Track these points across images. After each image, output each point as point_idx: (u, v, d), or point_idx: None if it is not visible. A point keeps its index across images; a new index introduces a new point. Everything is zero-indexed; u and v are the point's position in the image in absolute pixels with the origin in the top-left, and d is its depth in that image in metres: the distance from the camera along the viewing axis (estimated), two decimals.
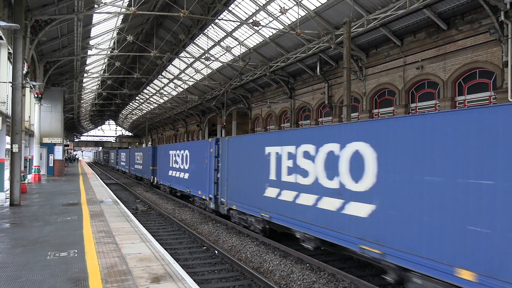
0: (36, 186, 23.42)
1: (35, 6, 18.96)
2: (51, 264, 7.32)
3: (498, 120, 5.53)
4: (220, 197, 15.11)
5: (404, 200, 6.92)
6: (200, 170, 17.47)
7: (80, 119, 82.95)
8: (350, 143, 8.22)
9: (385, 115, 24.33)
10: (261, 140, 12.19)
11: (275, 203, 10.99)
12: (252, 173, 12.45)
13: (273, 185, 11.14)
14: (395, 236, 7.02)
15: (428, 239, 6.37)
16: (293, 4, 23.47)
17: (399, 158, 7.09)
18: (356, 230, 7.92)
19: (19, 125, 15.37)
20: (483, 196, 5.64)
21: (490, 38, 17.50)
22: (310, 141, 9.62)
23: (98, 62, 38.53)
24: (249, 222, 12.93)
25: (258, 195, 11.87)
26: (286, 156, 10.55)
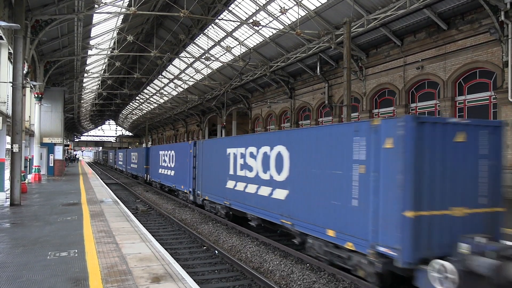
0: (36, 186, 23.43)
1: (36, 6, 18.96)
2: (51, 264, 7.32)
3: (336, 133, 8.67)
4: (197, 190, 17.94)
5: (303, 186, 9.70)
6: (182, 168, 20.13)
7: (80, 119, 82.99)
8: (275, 146, 10.99)
9: (386, 115, 24.34)
10: (223, 143, 15.33)
11: (233, 193, 13.75)
12: (218, 169, 15.20)
13: (231, 178, 13.90)
14: (299, 211, 9.82)
15: (315, 212, 9.17)
16: (293, 4, 23.48)
17: (300, 157, 9.89)
18: (278, 209, 10.79)
19: (19, 125, 15.38)
20: (337, 181, 8.44)
21: (490, 38, 17.50)
22: (253, 144, 12.38)
23: (98, 62, 38.55)
24: (217, 209, 15.68)
25: (222, 187, 14.62)
26: (239, 155, 13.32)
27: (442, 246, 6.81)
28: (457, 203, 7.09)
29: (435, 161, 6.96)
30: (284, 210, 10.44)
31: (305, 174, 9.56)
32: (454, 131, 7.19)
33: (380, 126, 7.30)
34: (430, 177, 6.91)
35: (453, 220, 7.00)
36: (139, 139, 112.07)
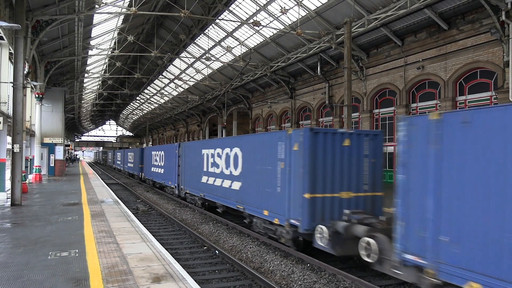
0: (37, 186, 23.44)
1: (36, 6, 18.97)
2: (52, 264, 7.32)
3: (269, 139, 11.76)
4: (181, 185, 21.11)
5: (251, 179, 12.77)
6: (170, 167, 23.30)
7: (81, 119, 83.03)
8: (234, 148, 14.09)
9: (386, 115, 24.34)
10: (199, 145, 18.80)
11: (206, 186, 16.86)
12: (196, 167, 18.35)
13: (205, 174, 17.05)
14: (248, 198, 12.90)
15: (257, 198, 12.21)
16: (294, 4, 23.48)
17: (249, 156, 12.92)
18: (235, 197, 13.87)
19: (20, 125, 15.39)
20: (269, 174, 11.47)
21: (491, 38, 17.49)
22: (219, 146, 15.56)
23: (99, 62, 38.56)
24: (195, 200, 18.86)
25: (199, 181, 17.80)
26: (210, 155, 16.46)
27: (333, 218, 9.74)
28: (344, 188, 10.05)
29: (327, 159, 9.94)
30: (238, 198, 13.60)
31: (252, 170, 12.71)
32: (342, 138, 10.12)
33: (291, 135, 10.35)
34: (323, 170, 9.88)
35: (341, 200, 10.00)
36: (139, 139, 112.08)
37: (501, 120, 5.48)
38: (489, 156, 5.58)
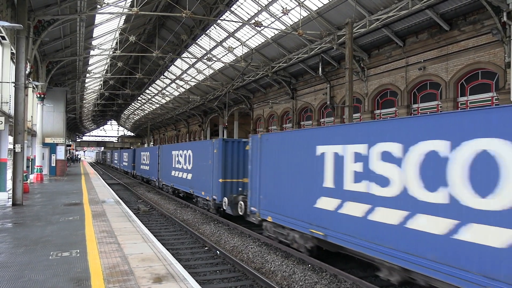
0: (38, 186, 23.47)
1: (38, 7, 19.00)
2: (53, 264, 7.34)
3: (206, 144, 17.83)
4: (159, 178, 27.26)
5: (197, 172, 18.42)
6: (153, 164, 29.76)
7: (82, 119, 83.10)
8: (188, 150, 20.26)
9: (387, 116, 24.31)
10: (170, 147, 24.46)
11: (174, 178, 23.03)
12: (168, 164, 24.57)
13: (173, 169, 23.13)
14: (195, 185, 18.63)
15: (199, 184, 18.04)
16: (295, 5, 23.47)
17: (196, 156, 18.69)
18: (189, 184, 19.76)
19: (21, 125, 15.42)
20: (205, 168, 17.09)
21: (492, 39, 17.46)
22: (181, 149, 21.74)
23: (101, 62, 38.61)
24: (168, 189, 24.88)
25: (170, 175, 24.15)
26: (176, 155, 22.43)
27: (233, 194, 15.36)
28: (244, 176, 14.92)
29: (234, 158, 15.58)
30: (190, 184, 19.59)
31: (198, 165, 18.47)
32: (245, 144, 15.10)
33: (215, 142, 16.04)
34: (231, 164, 15.56)
35: (242, 183, 15.36)
36: (141, 139, 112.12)
37: (277, 138, 11.60)
38: (273, 156, 11.47)
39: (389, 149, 7.32)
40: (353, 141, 8.14)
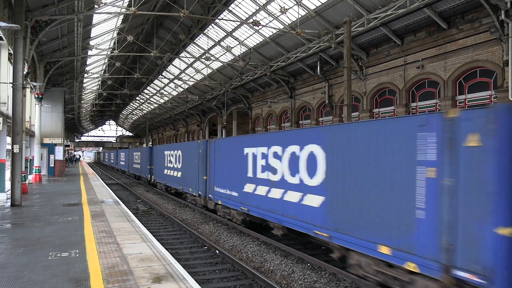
0: (37, 187, 23.44)
1: (35, 7, 18.96)
2: (52, 264, 7.33)
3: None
4: (153, 176, 29.86)
5: (186, 171, 19.69)
6: (143, 162, 33.38)
7: (81, 120, 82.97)
8: (178, 150, 21.63)
9: (386, 115, 24.33)
10: (163, 148, 26.79)
11: (167, 176, 24.43)
12: (161, 163, 26.43)
13: (166, 168, 24.63)
14: (184, 182, 19.93)
15: (188, 180, 19.37)
16: (293, 4, 23.46)
17: (185, 155, 19.85)
18: (179, 182, 21.13)
19: (19, 126, 15.38)
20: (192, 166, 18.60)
21: (490, 37, 17.48)
22: (172, 149, 23.15)
23: (99, 62, 38.54)
24: (161, 186, 26.83)
25: (162, 173, 25.86)
26: (169, 155, 23.94)
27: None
28: None
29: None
30: (181, 182, 20.75)
31: (186, 164, 19.92)
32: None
33: (200, 143, 17.23)
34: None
35: None
36: (139, 139, 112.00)
37: (222, 142, 15.48)
38: (220, 156, 14.97)
39: (277, 150, 11.01)
40: (261, 144, 12.02)
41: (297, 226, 9.94)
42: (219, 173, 15.38)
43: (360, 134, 7.81)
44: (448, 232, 5.92)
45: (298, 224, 9.85)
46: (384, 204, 7.08)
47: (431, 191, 6.20)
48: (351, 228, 7.89)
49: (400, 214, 6.73)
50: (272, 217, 11.22)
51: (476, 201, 5.63)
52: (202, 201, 17.27)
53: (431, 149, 6.23)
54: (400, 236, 6.73)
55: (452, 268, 5.86)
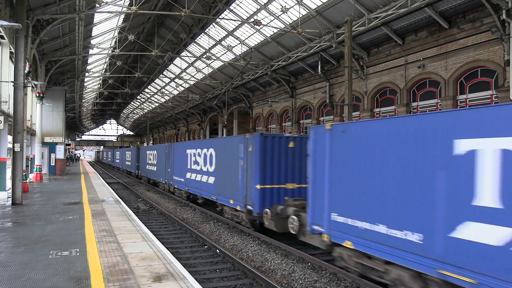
0: (37, 185, 23.47)
1: (37, 6, 18.97)
2: (53, 263, 7.34)
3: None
4: (139, 171, 36.81)
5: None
6: (133, 161, 39.08)
7: (82, 118, 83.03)
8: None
9: (386, 114, 24.32)
10: (146, 148, 32.11)
11: (150, 171, 30.64)
12: (145, 161, 32.67)
13: (148, 164, 30.99)
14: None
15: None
16: (294, 3, 23.45)
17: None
18: (155, 174, 27.96)
19: (20, 124, 15.40)
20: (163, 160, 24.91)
21: (491, 36, 17.46)
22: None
23: (100, 61, 38.57)
24: (145, 180, 32.09)
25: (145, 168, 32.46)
26: (149, 154, 30.16)
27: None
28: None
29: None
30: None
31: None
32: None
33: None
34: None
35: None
36: (140, 138, 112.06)
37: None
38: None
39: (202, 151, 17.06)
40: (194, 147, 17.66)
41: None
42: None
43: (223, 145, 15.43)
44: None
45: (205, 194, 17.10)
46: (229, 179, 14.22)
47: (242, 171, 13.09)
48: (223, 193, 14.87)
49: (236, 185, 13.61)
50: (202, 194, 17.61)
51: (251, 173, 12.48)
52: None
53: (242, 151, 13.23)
54: (233, 193, 13.89)
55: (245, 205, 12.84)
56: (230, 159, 14.24)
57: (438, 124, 6.28)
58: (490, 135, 5.55)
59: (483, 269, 5.47)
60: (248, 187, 12.67)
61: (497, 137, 5.47)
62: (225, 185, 14.70)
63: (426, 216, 6.28)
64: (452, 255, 5.86)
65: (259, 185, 12.10)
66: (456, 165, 5.92)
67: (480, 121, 5.71)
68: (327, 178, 8.65)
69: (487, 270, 5.42)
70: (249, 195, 12.65)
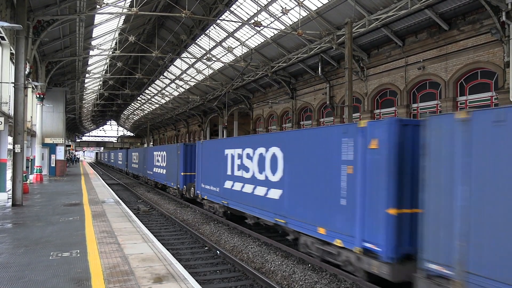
0: (38, 187, 23.47)
1: (37, 7, 18.99)
2: (53, 264, 7.34)
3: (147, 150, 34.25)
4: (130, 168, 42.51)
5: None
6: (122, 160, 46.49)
7: (82, 120, 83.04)
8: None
9: (387, 116, 24.33)
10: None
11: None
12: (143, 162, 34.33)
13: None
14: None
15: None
16: (295, 5, 23.48)
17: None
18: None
19: (21, 126, 15.41)
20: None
21: (491, 38, 17.48)
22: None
23: (100, 62, 38.58)
24: (145, 181, 32.93)
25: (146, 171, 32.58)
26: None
27: None
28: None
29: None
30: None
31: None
32: None
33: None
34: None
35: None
36: (140, 139, 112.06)
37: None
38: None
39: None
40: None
41: None
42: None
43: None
44: None
45: None
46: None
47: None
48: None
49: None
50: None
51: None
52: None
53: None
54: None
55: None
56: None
57: (219, 143, 16.42)
58: (232, 147, 14.38)
59: (231, 197, 14.33)
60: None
61: (233, 148, 14.21)
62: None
63: (220, 179, 15.24)
64: (224, 194, 14.89)
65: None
66: (225, 158, 14.80)
67: (231, 142, 14.98)
68: (200, 166, 17.68)
69: (231, 197, 14.29)
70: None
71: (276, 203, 10.91)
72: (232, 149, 14.24)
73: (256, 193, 12.26)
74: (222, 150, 15.12)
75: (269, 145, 11.49)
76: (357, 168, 7.75)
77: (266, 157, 11.65)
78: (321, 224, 8.76)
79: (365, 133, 7.75)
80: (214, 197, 15.89)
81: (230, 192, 14.27)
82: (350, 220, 7.90)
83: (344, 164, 8.08)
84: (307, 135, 9.88)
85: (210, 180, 16.38)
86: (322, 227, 8.71)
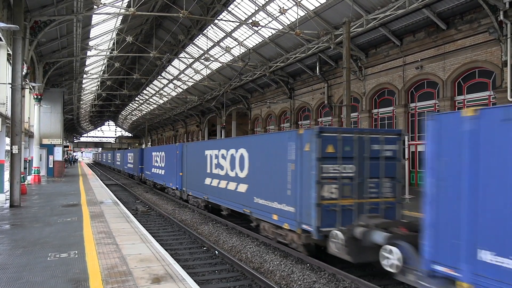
0: (36, 187, 23.40)
1: (34, 7, 18.94)
2: (51, 265, 7.31)
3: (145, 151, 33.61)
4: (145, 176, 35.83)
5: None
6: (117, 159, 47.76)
7: (80, 120, 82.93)
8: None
9: (385, 115, 24.37)
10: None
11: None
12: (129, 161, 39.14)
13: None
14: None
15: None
16: (293, 4, 23.49)
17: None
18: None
19: (18, 126, 15.37)
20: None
21: (489, 37, 17.52)
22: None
23: (98, 63, 38.53)
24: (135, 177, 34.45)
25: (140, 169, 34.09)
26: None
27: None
28: None
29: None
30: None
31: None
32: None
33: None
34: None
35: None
36: (138, 140, 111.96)
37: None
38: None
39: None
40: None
41: None
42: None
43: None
44: None
45: None
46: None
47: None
48: None
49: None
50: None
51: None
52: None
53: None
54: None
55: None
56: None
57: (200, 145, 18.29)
58: (210, 148, 15.83)
59: (210, 192, 15.78)
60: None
61: (211, 149, 15.68)
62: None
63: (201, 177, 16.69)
64: (205, 189, 16.35)
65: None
66: (205, 158, 16.10)
67: (210, 144, 17.28)
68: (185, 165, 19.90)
69: (210, 192, 15.77)
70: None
71: (244, 196, 12.76)
72: (211, 150, 15.82)
73: (229, 188, 13.98)
74: (203, 151, 16.72)
75: (238, 147, 13.18)
76: (297, 165, 9.75)
77: (236, 157, 13.34)
78: (275, 211, 10.78)
79: (302, 139, 9.56)
80: (197, 192, 17.68)
81: (210, 188, 15.88)
82: (293, 207, 9.89)
83: (289, 162, 10.09)
84: (266, 139, 12.48)
85: (194, 177, 18.09)
86: (275, 214, 10.71)
